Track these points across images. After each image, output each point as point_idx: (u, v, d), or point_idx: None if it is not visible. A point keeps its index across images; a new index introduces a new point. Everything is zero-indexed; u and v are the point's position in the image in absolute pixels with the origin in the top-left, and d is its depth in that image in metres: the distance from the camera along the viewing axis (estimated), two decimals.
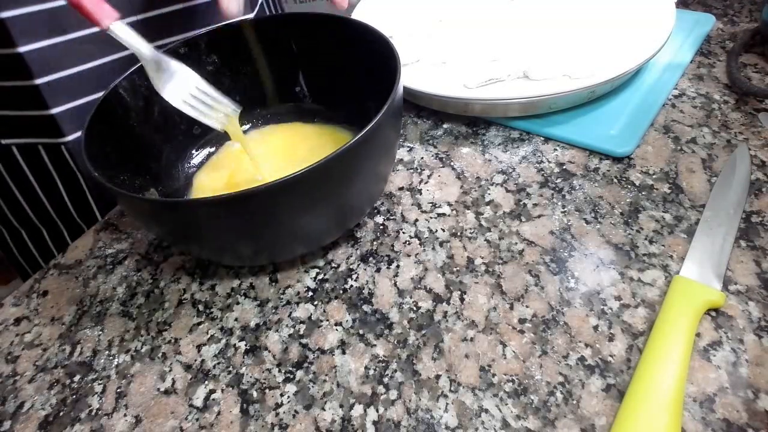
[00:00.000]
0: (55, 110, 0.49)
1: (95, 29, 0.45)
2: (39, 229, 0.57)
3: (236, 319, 0.36)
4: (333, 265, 0.39)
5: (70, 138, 0.51)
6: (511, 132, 0.47)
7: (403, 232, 0.40)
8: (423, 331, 0.34)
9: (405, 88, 0.46)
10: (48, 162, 0.52)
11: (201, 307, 0.38)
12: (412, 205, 0.42)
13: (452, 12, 0.58)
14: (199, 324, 0.37)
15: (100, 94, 0.47)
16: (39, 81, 0.47)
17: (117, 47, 0.49)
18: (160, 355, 0.35)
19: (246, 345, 0.35)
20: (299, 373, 0.33)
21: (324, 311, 0.36)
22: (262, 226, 0.33)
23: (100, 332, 0.37)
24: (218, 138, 0.48)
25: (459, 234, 0.39)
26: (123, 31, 0.36)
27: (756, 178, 0.39)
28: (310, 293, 0.37)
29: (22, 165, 0.52)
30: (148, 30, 0.50)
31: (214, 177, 0.45)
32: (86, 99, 0.50)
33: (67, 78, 0.48)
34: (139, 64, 0.41)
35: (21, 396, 0.34)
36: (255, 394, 0.32)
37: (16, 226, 0.58)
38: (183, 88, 0.38)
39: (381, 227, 0.41)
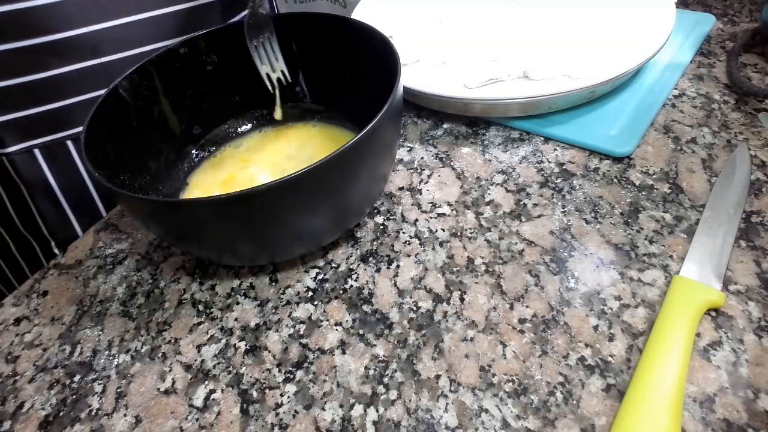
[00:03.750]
0: None
1: (41, 39, 0.45)
2: None
3: (236, 319, 0.36)
4: (333, 265, 0.39)
5: (10, 149, 0.49)
6: (511, 132, 0.47)
7: (403, 232, 0.40)
8: (423, 331, 0.34)
9: (405, 88, 0.46)
10: None
11: (201, 307, 0.38)
12: (412, 205, 0.42)
13: (452, 12, 0.58)
14: (199, 324, 0.37)
15: (40, 108, 0.47)
16: None
17: (69, 58, 0.47)
18: (160, 355, 0.35)
19: (246, 345, 0.35)
20: (299, 373, 0.33)
21: (324, 311, 0.36)
22: (262, 226, 0.33)
23: (100, 332, 0.37)
24: (218, 138, 0.48)
25: (459, 234, 0.39)
26: None
27: (756, 178, 0.39)
28: (310, 293, 0.37)
29: None
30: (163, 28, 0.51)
31: (211, 177, 0.45)
32: (26, 112, 0.48)
33: (10, 88, 0.46)
34: (138, 65, 0.41)
35: (21, 396, 0.34)
36: (255, 394, 0.32)
37: None
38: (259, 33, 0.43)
39: (381, 227, 0.41)
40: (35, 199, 0.51)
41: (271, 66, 0.45)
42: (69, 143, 0.51)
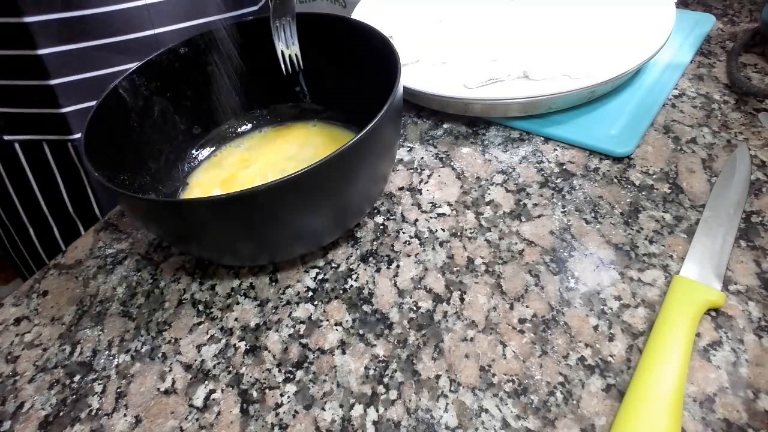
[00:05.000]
0: (66, 109, 0.51)
1: (114, 38, 0.50)
2: (26, 228, 0.59)
3: (236, 319, 0.36)
4: (333, 265, 0.39)
5: (77, 136, 0.53)
6: (511, 132, 0.47)
7: (403, 232, 0.40)
8: (423, 331, 0.34)
9: (405, 88, 0.46)
10: (51, 159, 0.54)
11: (201, 307, 0.38)
12: (412, 205, 0.42)
13: (452, 12, 0.58)
14: (199, 324, 0.37)
15: None
16: (54, 82, 0.49)
17: (133, 56, 0.51)
18: (160, 355, 0.35)
19: (246, 345, 0.35)
20: (299, 373, 0.33)
21: (324, 311, 0.36)
22: (262, 226, 0.33)
23: (100, 332, 0.37)
24: (218, 138, 0.48)
25: (459, 234, 0.39)
26: None
27: (756, 178, 0.39)
28: (310, 293, 0.37)
29: (21, 161, 0.54)
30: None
31: (211, 177, 0.45)
32: (92, 103, 0.52)
33: (82, 81, 0.50)
34: (138, 65, 0.41)
35: (21, 396, 0.34)
36: (255, 394, 0.32)
37: (6, 223, 0.59)
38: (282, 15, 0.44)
39: (381, 227, 0.41)
40: (92, 183, 0.56)
41: (287, 48, 0.46)
42: None
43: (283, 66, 0.46)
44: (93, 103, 0.52)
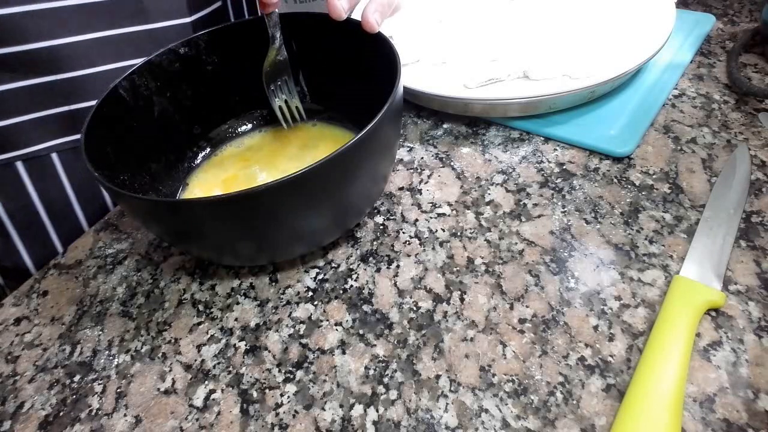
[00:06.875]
0: None
1: (38, 44, 0.42)
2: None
3: (236, 319, 0.36)
4: (333, 265, 0.39)
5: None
6: (511, 132, 0.47)
7: (403, 232, 0.40)
8: (423, 331, 0.34)
9: (405, 88, 0.46)
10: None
11: (201, 307, 0.38)
12: (412, 205, 0.42)
13: (452, 12, 0.58)
14: (199, 324, 0.37)
15: (33, 115, 0.45)
16: None
17: (60, 68, 0.45)
18: (160, 355, 0.35)
19: (246, 345, 0.35)
20: (299, 373, 0.33)
21: (324, 311, 0.36)
22: (262, 226, 0.33)
23: (100, 332, 0.37)
24: (218, 138, 0.48)
25: (459, 234, 0.39)
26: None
27: (756, 178, 0.39)
28: (310, 293, 0.37)
29: None
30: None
31: (212, 177, 0.45)
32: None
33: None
34: (138, 65, 0.41)
35: (21, 396, 0.34)
36: (255, 394, 0.32)
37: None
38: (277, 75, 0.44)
39: (381, 227, 0.41)
40: (49, 213, 0.49)
41: (287, 105, 0.46)
42: (18, 164, 0.46)
43: (283, 123, 0.46)
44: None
